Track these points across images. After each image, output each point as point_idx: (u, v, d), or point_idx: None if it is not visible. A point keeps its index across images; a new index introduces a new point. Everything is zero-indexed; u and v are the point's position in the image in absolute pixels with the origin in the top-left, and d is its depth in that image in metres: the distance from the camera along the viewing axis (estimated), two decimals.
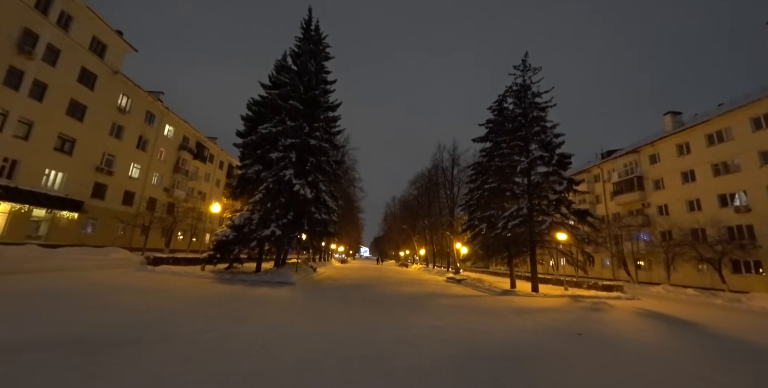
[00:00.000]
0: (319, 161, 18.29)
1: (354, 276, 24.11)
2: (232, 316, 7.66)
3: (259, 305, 9.49)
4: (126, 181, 30.68)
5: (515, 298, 15.61)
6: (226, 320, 7.16)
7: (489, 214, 18.32)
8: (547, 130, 18.11)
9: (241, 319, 7.39)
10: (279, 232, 16.35)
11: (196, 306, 8.55)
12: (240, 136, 19.79)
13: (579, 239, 15.79)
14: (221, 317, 7.46)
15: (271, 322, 7.28)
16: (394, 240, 68.82)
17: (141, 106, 31.67)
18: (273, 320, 7.55)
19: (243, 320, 7.34)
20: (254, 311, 8.49)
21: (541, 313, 11.26)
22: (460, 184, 32.81)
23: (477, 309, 11.26)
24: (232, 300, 10.02)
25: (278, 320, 7.58)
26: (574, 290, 19.96)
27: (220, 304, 9.28)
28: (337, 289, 15.03)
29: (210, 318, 7.17)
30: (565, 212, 16.10)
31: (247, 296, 11.02)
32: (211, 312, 8.04)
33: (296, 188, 16.74)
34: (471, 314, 10.06)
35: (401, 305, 11.29)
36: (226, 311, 8.17)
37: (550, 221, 15.68)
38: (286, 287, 14.53)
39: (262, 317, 7.74)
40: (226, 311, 8.25)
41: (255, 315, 7.97)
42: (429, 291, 16.66)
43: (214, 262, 17.28)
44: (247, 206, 18.55)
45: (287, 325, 7.11)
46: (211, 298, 10.11)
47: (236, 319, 7.32)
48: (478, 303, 12.89)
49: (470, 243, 21.36)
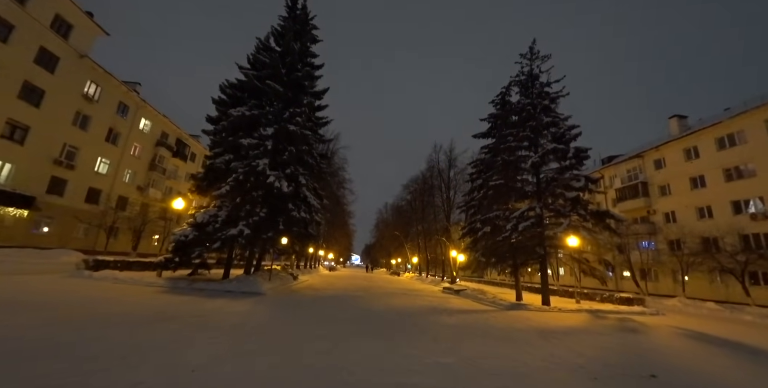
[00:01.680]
0: (299, 151, 15.65)
1: (340, 285, 21.21)
2: (137, 346, 4.88)
3: (198, 327, 6.69)
4: (91, 176, 27.46)
5: (527, 313, 13.00)
6: (118, 353, 4.41)
7: (494, 215, 15.87)
8: (559, 122, 15.89)
9: (144, 351, 4.63)
10: (248, 231, 13.54)
11: (101, 329, 5.75)
12: (211, 123, 17.06)
13: (600, 244, 13.36)
14: (116, 348, 4.69)
15: (188, 359, 4.53)
16: (385, 247, 65.75)
17: (112, 95, 28.73)
18: (195, 354, 4.80)
19: (145, 353, 4.58)
20: (181, 337, 5.71)
21: (571, 336, 8.67)
22: (457, 187, 30.54)
23: (491, 331, 8.60)
24: (164, 319, 7.19)
25: (203, 354, 4.84)
26: (587, 303, 17.46)
27: (142, 324, 6.47)
28: (315, 302, 12.22)
29: (97, 350, 4.41)
30: (583, 213, 13.75)
31: (191, 312, 8.18)
32: (116, 337, 5.26)
33: (270, 180, 14.03)
34: (487, 341, 7.40)
35: (393, 326, 8.57)
36: (138, 338, 5.38)
37: (568, 222, 13.28)
38: (252, 298, 11.68)
39: (183, 349, 4.98)
40: (139, 336, 5.47)
41: (176, 344, 5.20)
42: (425, 305, 13.94)
43: (171, 267, 14.30)
44: (214, 202, 15.73)
45: (213, 364, 4.38)
46: (136, 316, 7.26)
47: (136, 351, 4.55)
48: (487, 322, 10.23)
49: (470, 250, 18.86)
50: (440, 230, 32.63)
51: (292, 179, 15.50)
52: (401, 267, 69.04)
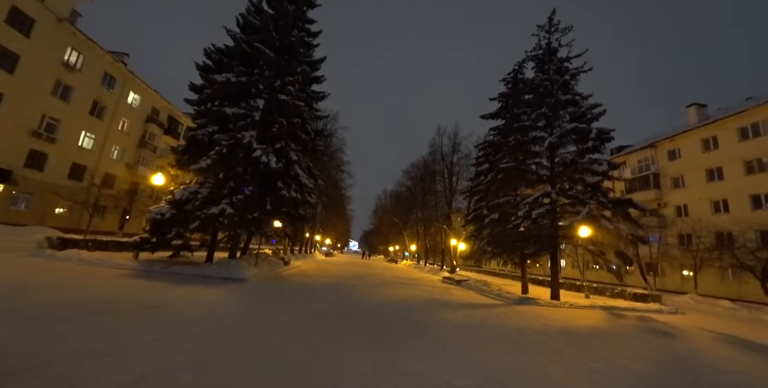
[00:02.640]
0: (291, 124, 13.89)
1: (333, 272, 19.86)
2: (33, 355, 3.38)
3: (144, 324, 5.19)
4: (74, 151, 25.66)
5: (538, 309, 11.63)
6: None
7: (503, 201, 14.30)
8: (579, 101, 14.10)
9: (35, 365, 3.13)
10: (231, 211, 11.97)
11: (9, 327, 4.25)
12: (195, 91, 15.20)
13: (622, 236, 11.84)
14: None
15: (88, 381, 3.03)
16: (384, 234, 64.50)
17: (97, 65, 26.57)
18: (109, 370, 3.30)
19: (34, 368, 3.08)
20: (109, 339, 4.21)
21: (600, 341, 7.25)
22: (460, 173, 28.85)
23: (506, 333, 7.16)
24: (107, 310, 5.69)
25: (119, 369, 3.33)
26: (597, 299, 16.15)
27: (72, 319, 4.97)
28: (302, 291, 10.77)
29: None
30: (604, 200, 12.19)
31: (147, 302, 6.69)
32: (19, 339, 3.75)
33: (257, 154, 12.36)
34: (505, 348, 5.94)
35: (391, 325, 7.10)
36: (47, 341, 3.87)
37: (587, 210, 11.73)
38: (231, 285, 10.22)
39: (95, 359, 3.48)
40: (51, 338, 3.96)
41: (92, 351, 3.70)
42: (426, 297, 12.55)
43: (147, 248, 12.80)
44: (196, 178, 14.10)
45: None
46: (74, 306, 5.75)
47: (29, 361, 3.04)
48: (499, 320, 8.81)
49: (474, 238, 17.40)
50: (441, 217, 31.16)
51: (283, 155, 13.81)
52: (399, 255, 68.10)
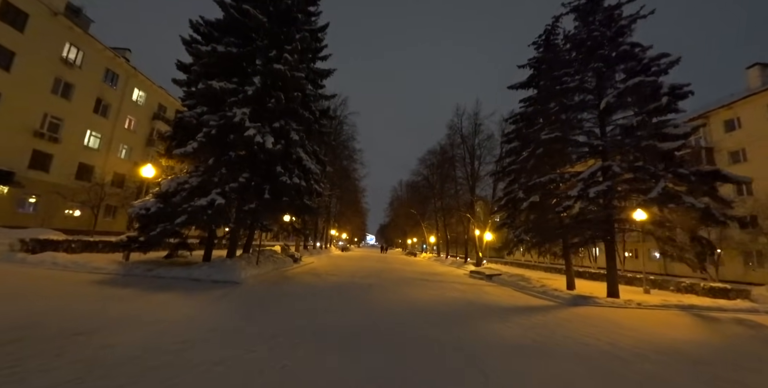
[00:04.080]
0: (290, 100, 11.72)
1: (348, 269, 17.80)
2: None
3: (40, 364, 3.19)
4: (80, 151, 24.61)
5: (603, 312, 9.10)
6: None
7: (548, 178, 11.66)
8: (638, 54, 11.17)
9: None
10: (221, 201, 9.97)
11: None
12: (183, 70, 13.26)
13: (712, 217, 9.04)
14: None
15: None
16: (400, 226, 62.11)
17: (97, 61, 25.29)
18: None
19: None
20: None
21: (736, 370, 4.76)
22: (482, 157, 26.05)
23: (599, 362, 4.69)
24: (8, 340, 3.74)
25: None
26: (660, 294, 13.37)
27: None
28: (305, 295, 8.66)
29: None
30: (684, 172, 9.39)
31: (80, 325, 4.71)
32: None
33: (249, 133, 10.26)
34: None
35: (420, 354, 4.85)
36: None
37: (662, 186, 9.00)
38: (220, 290, 8.25)
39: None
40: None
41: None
42: (458, 298, 10.23)
43: (134, 248, 11.06)
44: (187, 168, 12.23)
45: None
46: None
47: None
48: (568, 333, 6.36)
49: (507, 226, 14.86)
50: (463, 205, 28.53)
51: (282, 136, 11.68)
52: (416, 247, 65.80)
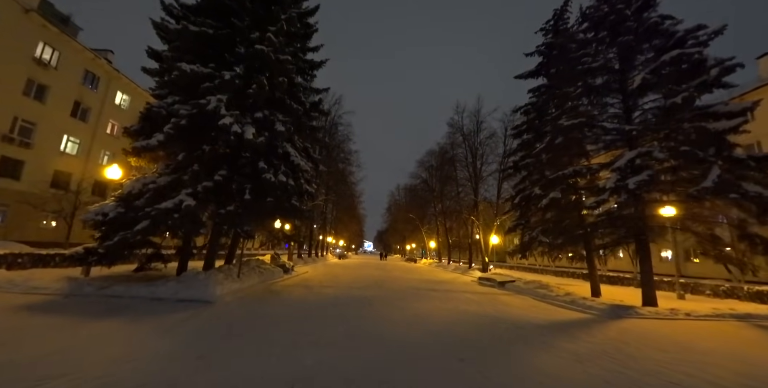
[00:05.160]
0: (275, 86, 10.11)
1: (345, 278, 16.00)
2: None
3: None
4: (56, 157, 22.72)
5: (655, 325, 7.45)
6: None
7: (572, 171, 10.08)
8: (669, 28, 9.78)
9: None
10: (189, 202, 8.25)
11: None
12: (155, 58, 11.66)
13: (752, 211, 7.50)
14: None
15: None
16: (399, 232, 60.26)
17: (75, 62, 23.63)
18: None
19: None
20: None
21: None
22: (484, 157, 24.60)
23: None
24: None
25: None
26: (699, 300, 11.79)
27: None
28: (290, 318, 6.88)
29: None
30: (741, 157, 7.87)
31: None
32: None
33: (225, 122, 8.62)
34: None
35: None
36: None
37: (717, 174, 7.46)
38: (184, 312, 6.49)
39: None
40: None
41: None
42: (476, 313, 8.52)
43: (93, 261, 9.24)
44: (157, 166, 10.53)
45: None
46: None
47: None
48: (641, 365, 4.65)
49: (522, 227, 13.22)
50: (466, 207, 26.96)
51: (266, 127, 10.05)
52: (416, 253, 63.89)
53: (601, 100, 10.47)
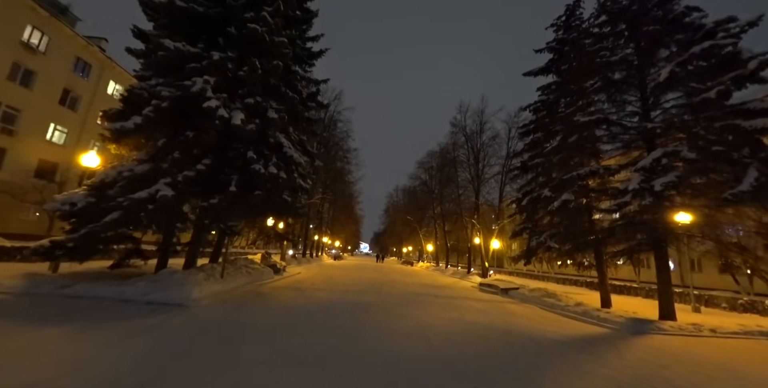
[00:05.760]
0: (268, 71, 9.24)
1: (340, 281, 15.09)
2: None
3: None
4: (41, 146, 21.69)
5: (684, 343, 6.63)
6: None
7: (588, 171, 9.29)
8: (694, 21, 9.06)
9: None
10: (166, 192, 7.34)
11: None
12: (141, 39, 10.77)
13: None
14: None
15: None
16: (397, 234, 59.25)
17: (66, 49, 22.64)
18: None
19: None
20: None
21: None
22: (486, 159, 23.83)
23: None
24: None
25: None
26: (714, 313, 11.02)
27: None
28: (274, 327, 5.97)
29: None
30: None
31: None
32: None
33: (209, 105, 7.74)
34: None
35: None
36: None
37: (754, 177, 6.67)
38: (151, 317, 5.58)
39: None
40: None
41: None
42: (485, 325, 7.66)
43: (59, 256, 8.29)
44: (136, 153, 9.60)
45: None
46: None
47: None
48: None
49: (530, 231, 12.41)
50: (467, 210, 26.14)
51: (257, 115, 9.17)
52: (413, 256, 62.92)
53: (620, 97, 9.71)
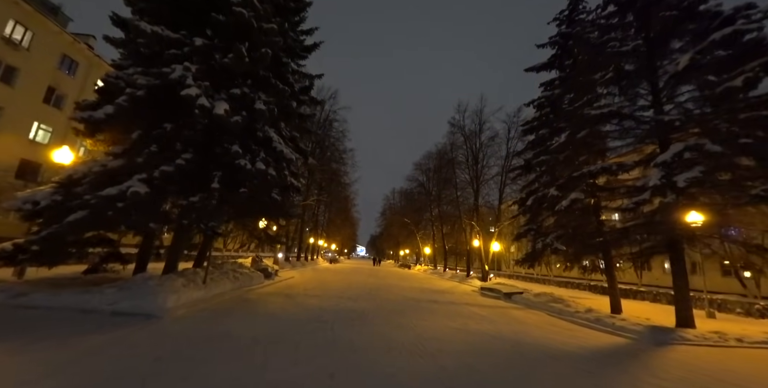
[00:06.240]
0: (257, 59, 8.54)
1: (335, 286, 14.30)
2: None
3: None
4: (24, 145, 20.75)
5: (717, 356, 5.96)
6: None
7: (600, 167, 8.68)
8: (710, 8, 8.54)
9: None
10: (137, 189, 6.58)
11: None
12: (120, 27, 10.02)
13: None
14: None
15: None
16: (393, 237, 58.42)
17: (51, 45, 21.82)
18: None
19: None
20: None
21: None
22: (485, 160, 23.27)
23: None
24: None
25: None
26: (729, 319, 10.40)
27: None
28: (255, 342, 5.20)
29: None
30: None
31: None
32: None
33: (188, 93, 7.02)
34: None
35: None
36: None
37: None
38: (117, 330, 4.79)
39: None
40: None
41: None
42: (491, 334, 6.94)
43: (23, 260, 7.46)
44: (111, 149, 8.82)
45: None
46: None
47: None
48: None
49: (535, 233, 11.75)
50: (466, 211, 25.49)
51: (244, 107, 8.44)
52: (410, 259, 62.09)
53: (632, 89, 9.14)
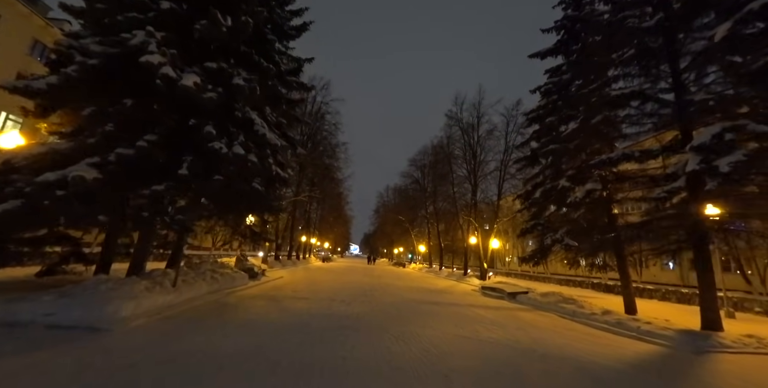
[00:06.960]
0: (235, 29, 7.39)
1: (327, 286, 13.23)
2: None
3: None
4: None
5: (761, 363, 5.16)
6: None
7: (621, 154, 7.79)
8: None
9: None
10: (87, 175, 5.43)
11: None
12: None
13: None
14: None
15: None
16: (387, 234, 57.43)
17: (20, 28, 20.09)
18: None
19: None
20: None
21: None
22: (482, 155, 22.41)
23: None
24: None
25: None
26: (749, 318, 9.68)
27: None
28: (211, 364, 4.18)
29: None
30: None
31: None
32: None
33: (149, 60, 5.87)
34: None
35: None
36: None
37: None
38: (46, 350, 3.71)
39: None
40: None
41: None
42: (508, 344, 5.97)
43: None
44: (63, 129, 7.61)
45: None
46: None
47: None
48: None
49: (542, 228, 10.85)
50: (463, 208, 24.62)
51: (220, 83, 7.30)
52: (404, 257, 61.23)
53: (656, 69, 8.26)
